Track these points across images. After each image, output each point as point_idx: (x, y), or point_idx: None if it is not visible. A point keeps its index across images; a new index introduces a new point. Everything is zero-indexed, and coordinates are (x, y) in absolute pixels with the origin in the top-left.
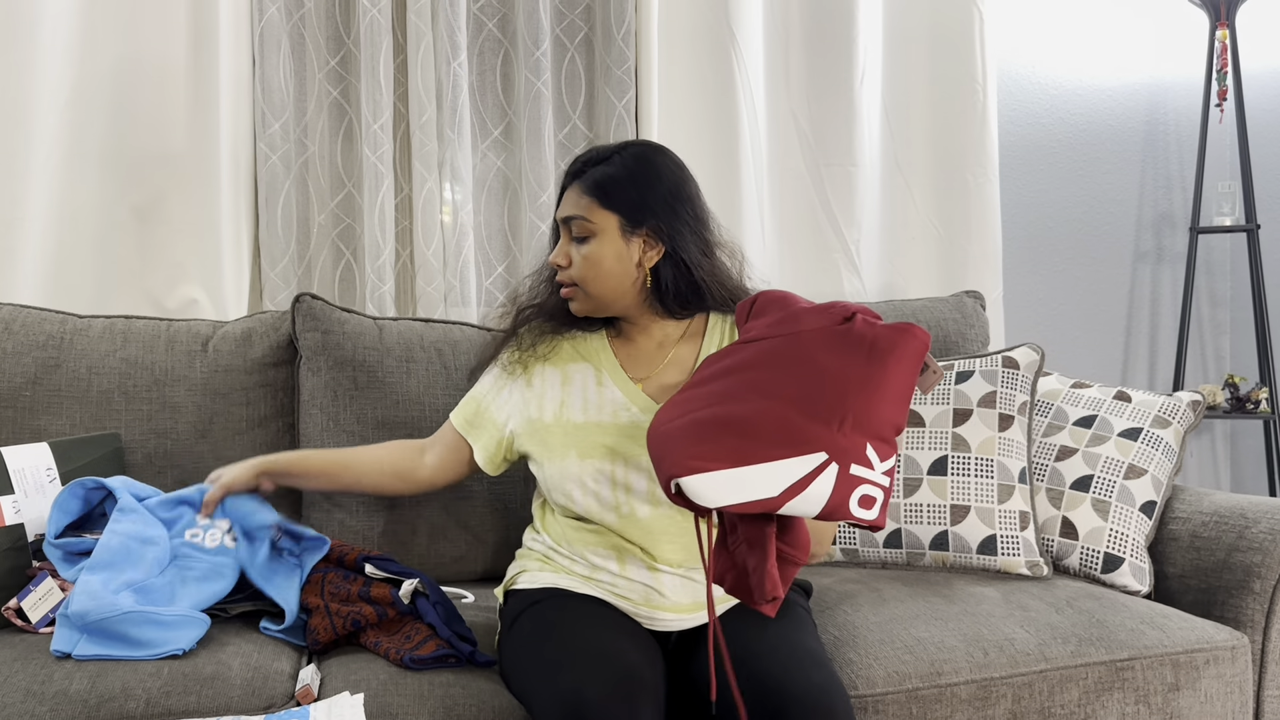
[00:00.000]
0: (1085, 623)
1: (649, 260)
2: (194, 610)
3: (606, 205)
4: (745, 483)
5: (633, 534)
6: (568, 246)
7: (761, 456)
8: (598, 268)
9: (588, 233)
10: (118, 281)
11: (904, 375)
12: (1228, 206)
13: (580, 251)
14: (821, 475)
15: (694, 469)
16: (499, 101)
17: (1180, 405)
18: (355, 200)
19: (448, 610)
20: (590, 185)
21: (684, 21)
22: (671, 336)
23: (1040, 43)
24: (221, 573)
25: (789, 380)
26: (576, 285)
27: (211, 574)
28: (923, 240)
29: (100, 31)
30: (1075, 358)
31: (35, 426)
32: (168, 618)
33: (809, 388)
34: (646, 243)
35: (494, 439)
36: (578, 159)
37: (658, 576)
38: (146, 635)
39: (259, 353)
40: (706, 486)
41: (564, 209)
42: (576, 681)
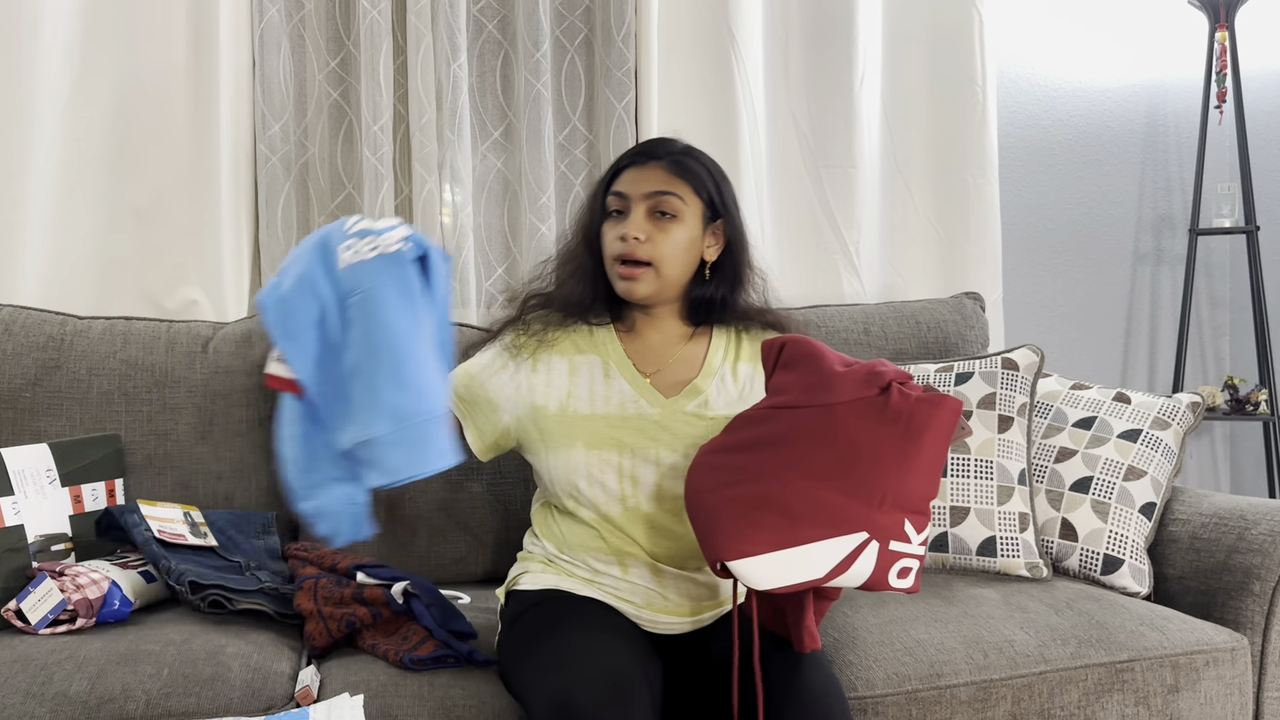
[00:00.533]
0: (1085, 624)
1: (710, 254)
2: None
3: (696, 190)
4: (791, 565)
5: (635, 529)
6: (644, 223)
7: (805, 538)
8: (677, 249)
9: (675, 211)
10: (118, 282)
11: (938, 448)
12: (1227, 208)
13: (661, 229)
14: (863, 554)
15: (741, 552)
16: (499, 103)
17: (1180, 407)
18: (355, 201)
19: (443, 611)
20: (678, 168)
21: (684, 23)
22: (681, 335)
23: (1040, 44)
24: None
25: (828, 458)
26: (649, 265)
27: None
28: (922, 241)
29: (100, 33)
30: (1075, 359)
31: (35, 428)
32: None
33: (848, 466)
34: (714, 237)
35: (489, 421)
36: (647, 143)
37: (661, 580)
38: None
39: (259, 354)
40: (754, 570)
41: (647, 184)
42: (567, 682)
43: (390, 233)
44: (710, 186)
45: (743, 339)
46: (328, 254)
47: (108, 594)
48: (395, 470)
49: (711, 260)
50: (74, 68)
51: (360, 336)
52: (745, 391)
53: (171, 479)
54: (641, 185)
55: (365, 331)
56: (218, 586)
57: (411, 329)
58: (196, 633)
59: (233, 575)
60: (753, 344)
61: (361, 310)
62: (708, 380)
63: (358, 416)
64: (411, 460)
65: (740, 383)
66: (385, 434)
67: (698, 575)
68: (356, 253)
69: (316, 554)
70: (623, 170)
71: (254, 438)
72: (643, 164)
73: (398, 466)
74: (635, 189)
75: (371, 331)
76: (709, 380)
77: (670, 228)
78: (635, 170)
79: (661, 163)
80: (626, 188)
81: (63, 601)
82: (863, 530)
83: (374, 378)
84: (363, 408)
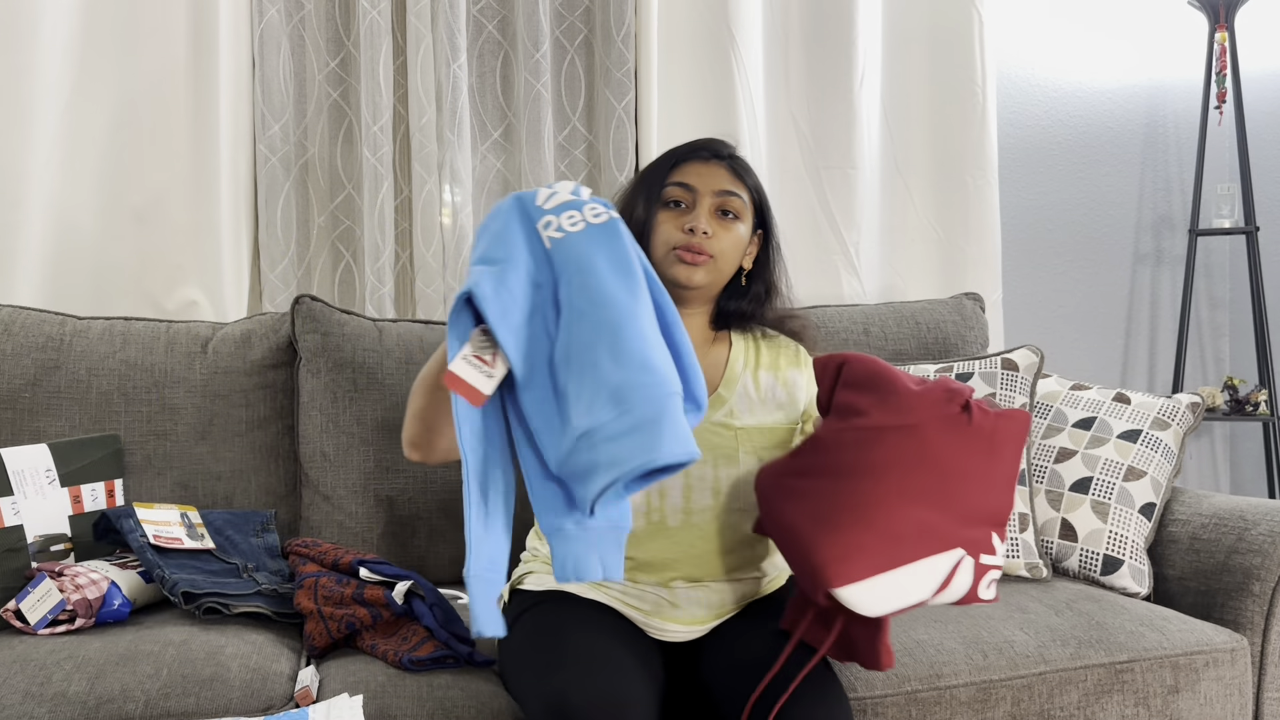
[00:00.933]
0: (1085, 625)
1: (746, 261)
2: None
3: (751, 196)
4: (900, 587)
5: (655, 543)
6: (710, 218)
7: (907, 558)
8: (735, 248)
9: (738, 212)
10: (117, 283)
11: (1016, 460)
12: (1227, 209)
13: (725, 226)
14: (960, 569)
15: (849, 577)
16: (498, 103)
17: (1179, 407)
18: (355, 202)
19: (445, 612)
20: (739, 171)
21: (683, 23)
22: (705, 340)
23: (1040, 45)
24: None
25: (921, 478)
26: (713, 258)
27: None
28: (922, 242)
29: (100, 33)
30: (1074, 360)
31: (35, 428)
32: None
33: (940, 484)
34: (754, 245)
35: None
36: (708, 140)
37: (672, 591)
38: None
39: (258, 354)
40: (865, 596)
41: (715, 181)
42: (563, 685)
43: (591, 203)
44: (761, 195)
45: (761, 346)
46: (531, 235)
47: (107, 594)
48: (622, 460)
49: (748, 268)
50: (74, 68)
51: (574, 318)
52: (767, 400)
53: (171, 479)
54: (710, 182)
55: (580, 310)
56: (212, 594)
57: (631, 302)
58: (196, 633)
59: (229, 579)
60: (772, 351)
61: (577, 290)
62: (730, 388)
63: (574, 409)
64: (641, 446)
65: (762, 391)
66: (608, 420)
67: (712, 585)
68: (560, 228)
69: (318, 550)
70: (683, 163)
71: (253, 438)
72: (706, 160)
73: (625, 456)
74: (705, 184)
75: (586, 309)
76: (732, 388)
77: (733, 226)
78: (700, 165)
79: (724, 163)
80: (694, 181)
81: (62, 602)
82: (959, 546)
83: (591, 356)
84: (579, 397)
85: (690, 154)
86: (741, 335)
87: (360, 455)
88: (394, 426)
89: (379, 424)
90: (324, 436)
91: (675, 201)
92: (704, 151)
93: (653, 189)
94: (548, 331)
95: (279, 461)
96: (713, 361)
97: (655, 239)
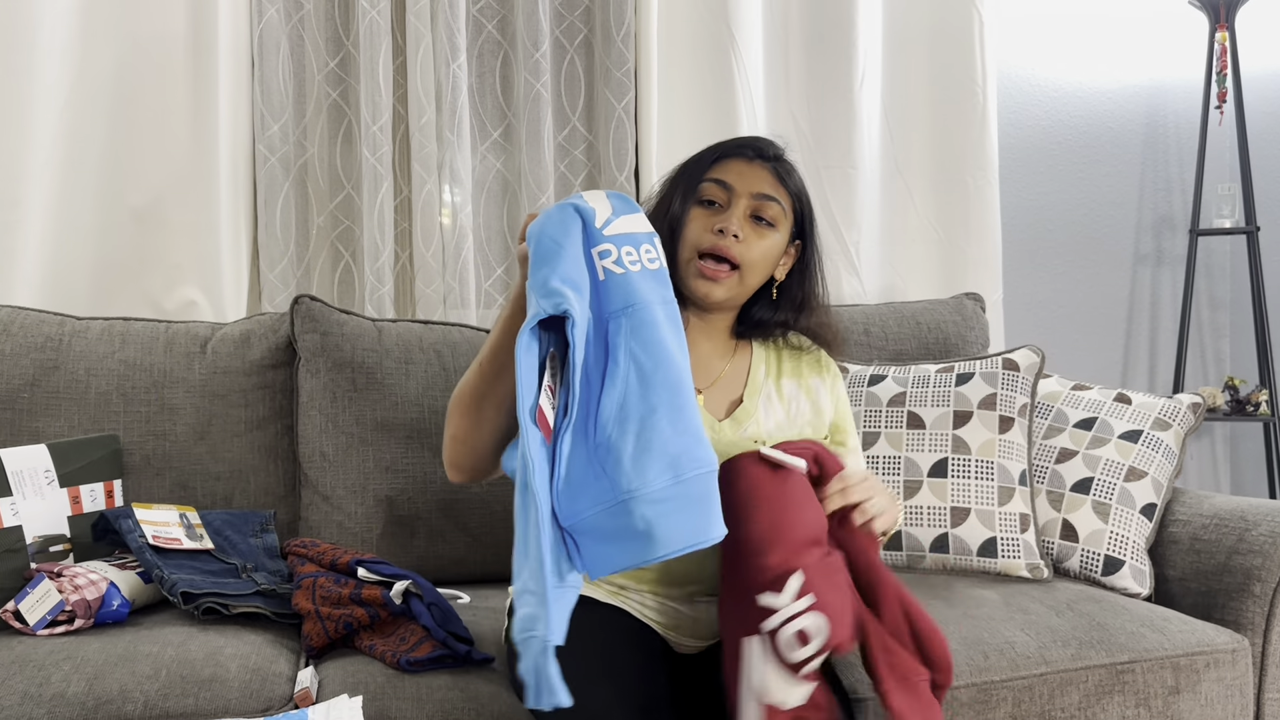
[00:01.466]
0: (1085, 625)
1: (780, 272)
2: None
3: (793, 204)
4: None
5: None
6: (744, 221)
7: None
8: (766, 259)
9: (775, 220)
10: (116, 283)
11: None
12: (1227, 209)
13: (759, 233)
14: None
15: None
16: (498, 103)
17: (1180, 408)
18: (354, 202)
19: (443, 611)
20: (784, 176)
21: (683, 23)
22: (728, 348)
23: (1040, 45)
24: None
25: None
26: (737, 269)
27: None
28: (923, 242)
29: (98, 33)
30: (1075, 360)
31: (34, 428)
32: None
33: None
34: (790, 256)
35: None
36: (754, 139)
37: (694, 606)
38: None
39: (258, 354)
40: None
41: (756, 183)
42: (607, 700)
43: (648, 242)
44: (804, 204)
45: (784, 354)
46: (588, 259)
47: (106, 595)
48: (673, 539)
49: (780, 280)
50: (72, 68)
51: (636, 372)
52: (791, 411)
53: (170, 480)
54: (751, 183)
55: (642, 366)
56: (211, 594)
57: (684, 363)
58: (194, 634)
59: (228, 579)
60: (794, 360)
61: (639, 343)
62: (754, 399)
63: (623, 467)
64: (694, 525)
65: (786, 401)
66: (661, 486)
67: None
68: (619, 262)
69: (316, 550)
70: (725, 159)
71: (252, 438)
72: (750, 159)
73: (677, 533)
74: (744, 185)
75: (648, 366)
76: (755, 399)
77: (767, 234)
78: (742, 164)
79: (769, 165)
80: (734, 180)
81: (61, 602)
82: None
83: (652, 417)
84: (633, 457)
85: (735, 150)
86: (763, 345)
87: (359, 455)
88: (394, 427)
89: (378, 424)
90: (323, 437)
91: (710, 200)
92: (748, 150)
93: (691, 183)
94: (588, 372)
95: (278, 462)
96: (735, 371)
97: (684, 238)
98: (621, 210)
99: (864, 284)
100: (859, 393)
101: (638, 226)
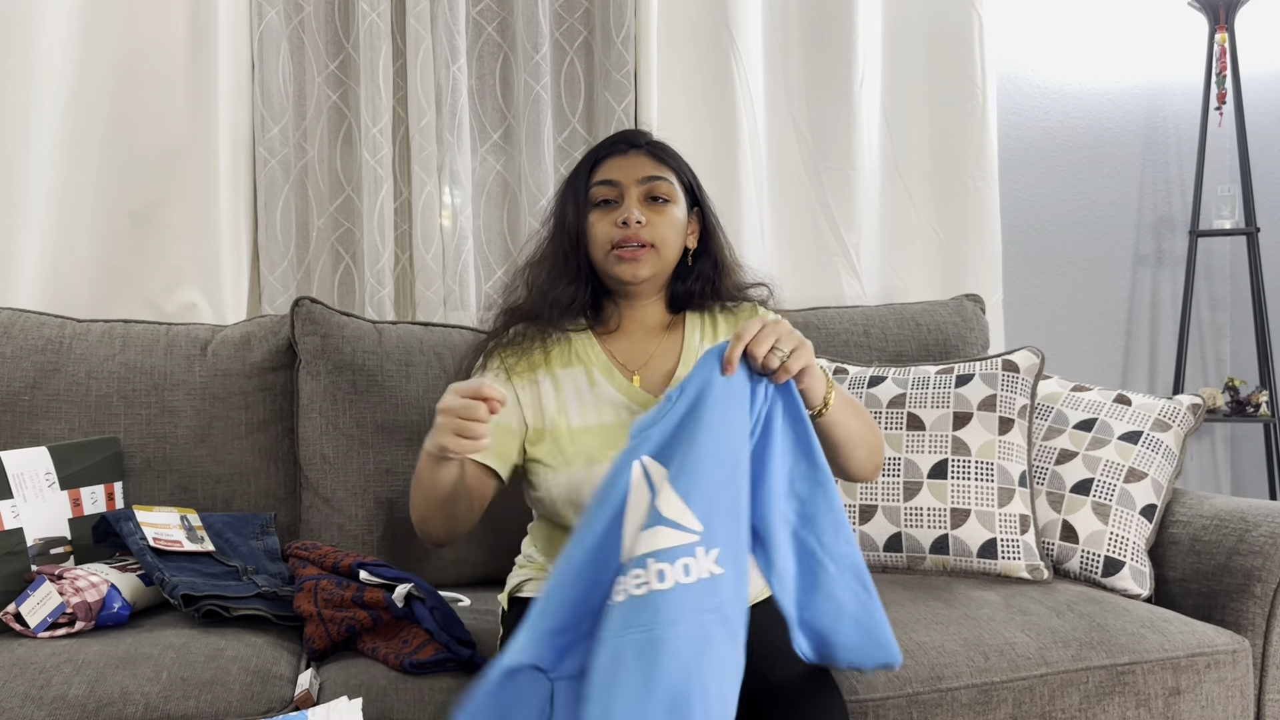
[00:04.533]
0: (1086, 627)
1: (690, 241)
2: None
3: (678, 177)
4: None
5: None
6: (641, 206)
7: None
8: (673, 231)
9: (669, 196)
10: (116, 285)
11: None
12: (1227, 210)
13: (659, 212)
14: None
15: None
16: (498, 105)
17: (1180, 408)
18: (354, 204)
19: (445, 614)
20: (661, 155)
21: (683, 25)
22: (660, 326)
23: (1039, 46)
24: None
25: None
26: (652, 246)
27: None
28: (922, 243)
29: (98, 35)
30: (1075, 361)
31: (34, 431)
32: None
33: None
34: (694, 222)
35: (511, 447)
36: (624, 132)
37: None
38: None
39: (258, 357)
40: None
41: (637, 170)
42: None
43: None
44: (688, 174)
45: (719, 319)
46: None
47: (106, 597)
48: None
49: (693, 248)
50: (72, 71)
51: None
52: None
53: (170, 482)
54: (634, 172)
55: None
56: (212, 597)
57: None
58: (195, 636)
59: (229, 581)
60: (730, 318)
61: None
62: (689, 365)
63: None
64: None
65: None
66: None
67: None
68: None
69: (318, 553)
70: (603, 160)
71: (253, 440)
72: (624, 152)
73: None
74: (628, 175)
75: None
76: (690, 364)
77: (666, 210)
78: (620, 159)
79: (643, 150)
80: (617, 175)
81: (61, 605)
82: None
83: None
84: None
85: (609, 150)
86: (697, 314)
87: (360, 457)
88: (394, 429)
89: (379, 426)
90: (324, 439)
91: (604, 201)
92: (621, 144)
93: (579, 194)
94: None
95: (279, 464)
96: (668, 347)
97: (593, 243)
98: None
99: (864, 285)
100: (859, 394)
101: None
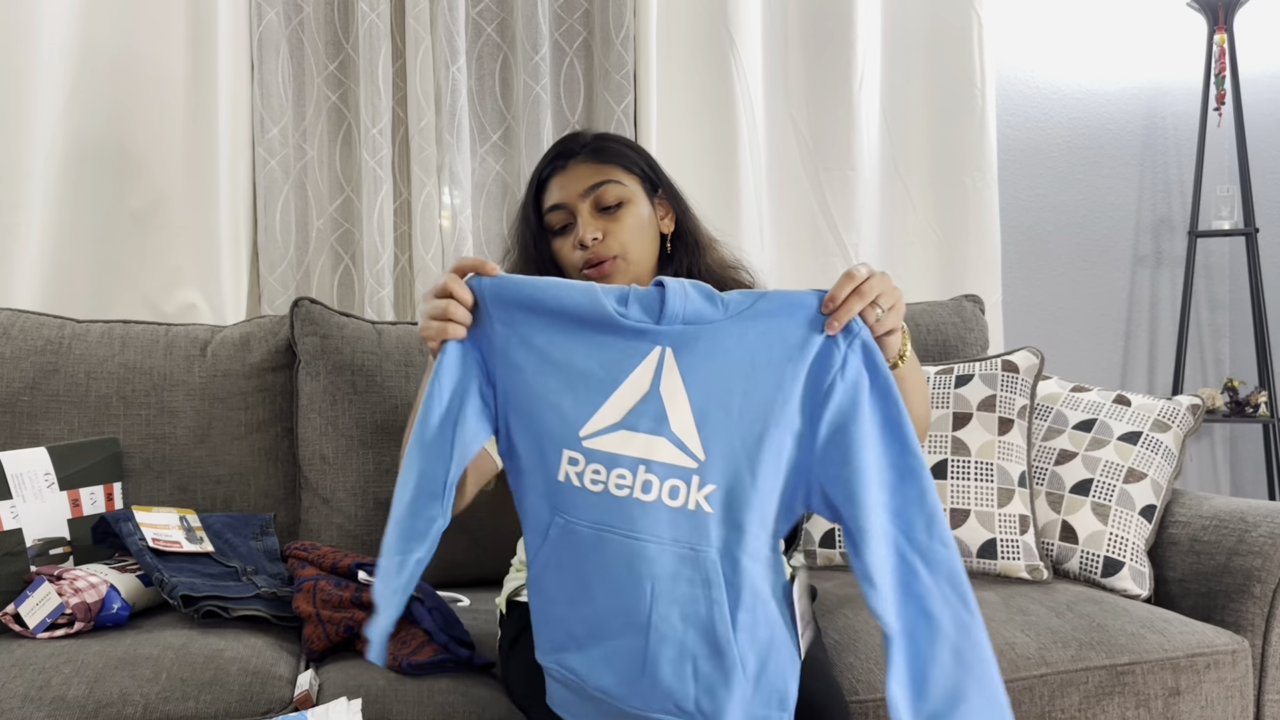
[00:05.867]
0: (1085, 627)
1: (665, 226)
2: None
3: (628, 169)
4: None
5: None
6: (595, 222)
7: None
8: (637, 231)
9: (621, 198)
10: (116, 286)
11: None
12: (1226, 210)
13: (614, 219)
14: None
15: None
16: (498, 106)
17: (1180, 409)
18: (354, 205)
19: (444, 615)
20: (601, 154)
21: (682, 26)
22: None
23: (1039, 47)
24: None
25: None
26: (618, 257)
27: None
28: (922, 244)
29: (98, 36)
30: (1074, 361)
31: (33, 431)
32: None
33: None
34: (663, 206)
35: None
36: (557, 145)
37: None
38: None
39: (257, 357)
40: None
41: (578, 183)
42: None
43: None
44: (639, 160)
45: None
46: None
47: (106, 598)
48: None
49: (669, 232)
50: (72, 72)
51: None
52: None
53: (170, 482)
54: (575, 187)
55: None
56: (211, 597)
57: None
58: (195, 637)
59: (229, 582)
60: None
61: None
62: None
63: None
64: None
65: None
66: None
67: None
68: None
69: (317, 554)
70: (544, 185)
71: (252, 441)
72: (564, 167)
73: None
74: (570, 194)
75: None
76: None
77: (622, 215)
78: (561, 176)
79: (580, 157)
80: (561, 197)
81: (61, 605)
82: None
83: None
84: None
85: (547, 170)
86: None
87: (359, 458)
88: (393, 429)
89: (378, 427)
90: (323, 439)
91: (562, 227)
92: (559, 160)
93: (535, 227)
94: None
95: (278, 464)
96: None
97: (566, 270)
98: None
99: None
100: None
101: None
